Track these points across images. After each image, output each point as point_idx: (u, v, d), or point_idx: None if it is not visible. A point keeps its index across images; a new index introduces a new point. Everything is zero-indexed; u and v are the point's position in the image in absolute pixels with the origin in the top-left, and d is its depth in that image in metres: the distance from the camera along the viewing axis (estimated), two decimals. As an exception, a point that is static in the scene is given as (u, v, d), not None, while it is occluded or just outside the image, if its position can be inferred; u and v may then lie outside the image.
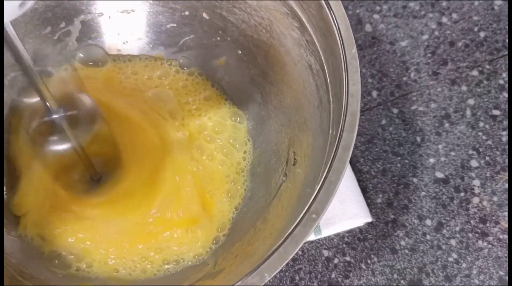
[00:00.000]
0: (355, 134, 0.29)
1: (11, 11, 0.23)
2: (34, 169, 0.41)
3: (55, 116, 0.33)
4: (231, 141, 0.44)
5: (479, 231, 0.45)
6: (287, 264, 0.38)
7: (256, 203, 0.41)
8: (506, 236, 0.44)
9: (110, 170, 0.41)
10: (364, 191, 0.46)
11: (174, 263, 0.39)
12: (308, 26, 0.36)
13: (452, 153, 0.47)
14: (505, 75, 0.50)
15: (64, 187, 0.40)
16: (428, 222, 0.45)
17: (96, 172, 0.40)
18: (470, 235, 0.44)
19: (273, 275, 0.26)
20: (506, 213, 0.45)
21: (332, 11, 0.32)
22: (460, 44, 0.52)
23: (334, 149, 0.29)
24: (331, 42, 0.32)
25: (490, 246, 0.44)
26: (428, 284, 0.43)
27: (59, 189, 0.40)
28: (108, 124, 0.38)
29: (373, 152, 0.47)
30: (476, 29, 0.52)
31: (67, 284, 0.38)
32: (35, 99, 0.32)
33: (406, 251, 0.44)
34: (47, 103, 0.32)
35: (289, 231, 0.27)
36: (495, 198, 0.46)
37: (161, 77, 0.46)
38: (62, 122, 0.33)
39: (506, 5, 0.53)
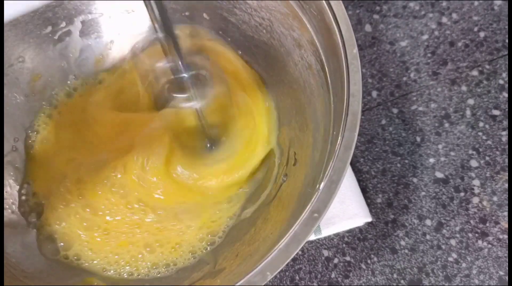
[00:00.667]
0: (356, 134, 0.29)
1: None
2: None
3: (184, 75, 0.34)
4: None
5: (479, 231, 0.45)
6: (287, 264, 0.38)
7: (256, 204, 0.41)
8: (506, 236, 0.44)
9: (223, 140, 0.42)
10: (364, 191, 0.46)
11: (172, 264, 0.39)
12: (308, 26, 0.36)
13: (452, 153, 0.47)
14: (505, 75, 0.50)
15: (180, 147, 0.42)
16: (428, 222, 0.45)
17: (211, 139, 0.42)
18: (470, 235, 0.45)
19: (275, 274, 0.26)
20: (506, 213, 0.45)
21: (333, 11, 0.32)
22: (460, 44, 0.52)
23: (336, 148, 0.29)
24: (332, 43, 0.32)
25: (490, 246, 0.44)
26: (428, 284, 0.43)
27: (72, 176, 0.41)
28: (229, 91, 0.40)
29: (373, 152, 0.48)
30: (476, 29, 0.52)
31: (67, 284, 0.38)
32: (163, 58, 0.34)
33: (406, 251, 0.44)
34: (180, 62, 0.33)
35: (290, 230, 0.27)
36: (495, 198, 0.46)
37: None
38: (189, 81, 0.35)
39: (506, 5, 0.53)
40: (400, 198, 0.46)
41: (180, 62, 0.34)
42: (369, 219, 0.43)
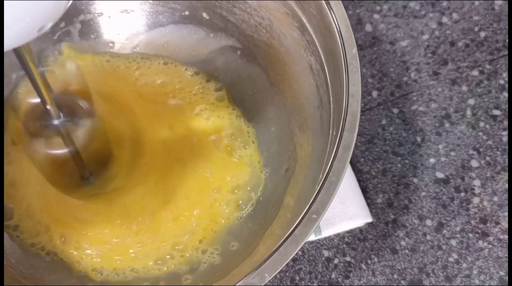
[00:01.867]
0: (355, 134, 0.29)
1: (29, 33, 0.23)
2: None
3: (55, 121, 0.32)
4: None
5: (479, 231, 0.45)
6: (287, 264, 0.38)
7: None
8: (506, 236, 0.44)
9: (102, 168, 0.40)
10: (364, 191, 0.46)
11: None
12: (308, 26, 0.36)
13: (453, 153, 0.47)
14: (505, 75, 0.50)
15: (53, 183, 0.40)
16: (428, 222, 0.45)
17: (86, 171, 0.39)
18: (470, 235, 0.44)
19: (274, 275, 0.26)
20: (506, 213, 0.45)
21: (333, 11, 0.32)
22: (460, 44, 0.52)
23: (335, 149, 0.29)
24: (332, 42, 0.32)
25: (490, 246, 0.44)
26: (428, 284, 0.43)
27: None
28: (107, 122, 0.38)
29: (373, 152, 0.47)
30: (476, 29, 0.52)
31: (67, 284, 0.38)
32: (36, 101, 0.31)
33: (407, 251, 0.44)
34: (48, 108, 0.31)
35: (289, 231, 0.27)
36: (495, 198, 0.46)
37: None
38: (61, 127, 0.33)
39: (507, 5, 0.53)
40: (400, 198, 0.46)
41: (49, 108, 0.31)
42: (370, 220, 0.43)
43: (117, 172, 0.40)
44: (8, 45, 0.22)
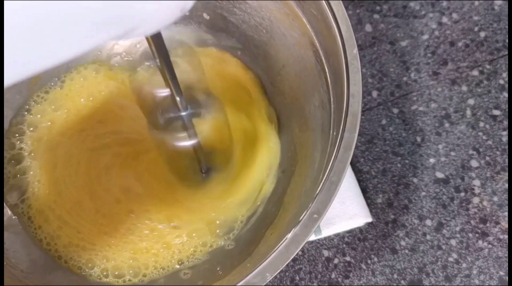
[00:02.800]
0: (356, 134, 0.29)
1: (172, 14, 0.21)
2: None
3: (183, 113, 0.33)
4: None
5: (479, 231, 0.45)
6: (287, 264, 0.38)
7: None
8: (506, 236, 0.44)
9: (221, 163, 0.42)
10: (364, 191, 0.46)
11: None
12: (308, 26, 0.36)
13: (452, 153, 0.47)
14: (505, 75, 0.50)
15: (175, 175, 0.41)
16: (428, 222, 0.45)
17: (206, 165, 0.41)
18: (470, 235, 0.45)
19: (275, 274, 0.26)
20: (506, 213, 0.45)
21: (333, 11, 0.32)
22: (460, 44, 0.52)
23: (335, 149, 0.29)
24: (332, 43, 0.32)
25: (490, 246, 0.44)
26: (428, 284, 0.43)
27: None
28: (227, 119, 0.39)
29: (373, 152, 0.47)
30: (476, 29, 0.52)
31: (67, 284, 0.38)
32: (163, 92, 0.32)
33: (406, 251, 0.44)
34: (178, 101, 0.31)
35: (290, 231, 0.27)
36: (495, 198, 0.46)
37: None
38: (188, 120, 0.33)
39: (506, 5, 0.53)
40: (400, 198, 0.46)
41: (178, 99, 0.31)
42: (369, 219, 0.43)
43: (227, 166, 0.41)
44: (151, 28, 0.21)
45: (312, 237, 0.44)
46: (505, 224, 0.45)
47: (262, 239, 0.35)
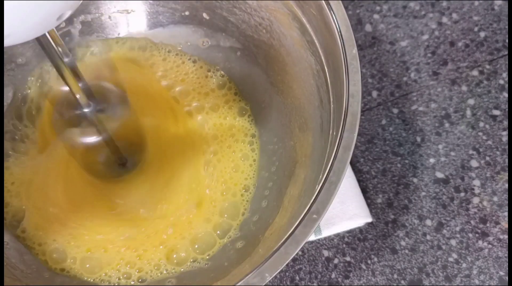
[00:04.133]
0: (355, 135, 0.29)
1: (49, 23, 0.23)
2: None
3: (86, 109, 0.32)
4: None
5: (479, 231, 0.45)
6: (287, 264, 0.38)
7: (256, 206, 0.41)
8: (506, 236, 0.44)
9: (136, 153, 0.41)
10: (364, 191, 0.46)
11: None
12: (308, 26, 0.36)
13: (452, 153, 0.47)
14: (505, 75, 0.50)
15: (89, 171, 0.41)
16: (428, 222, 0.45)
17: (122, 156, 0.40)
18: (470, 235, 0.44)
19: (274, 275, 0.26)
20: (506, 213, 0.45)
21: (333, 11, 0.32)
22: (460, 44, 0.52)
23: (335, 149, 0.29)
24: (332, 43, 0.32)
25: (490, 246, 0.44)
26: (428, 284, 0.43)
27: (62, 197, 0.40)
28: (136, 111, 0.38)
29: (373, 152, 0.47)
30: (476, 29, 0.52)
31: (67, 284, 0.38)
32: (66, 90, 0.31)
33: (406, 251, 0.44)
34: (78, 97, 0.31)
35: (290, 231, 0.27)
36: (495, 198, 0.46)
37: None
38: (92, 116, 0.33)
39: (506, 5, 0.53)
40: (400, 198, 0.46)
41: (78, 96, 0.31)
42: (369, 220, 0.43)
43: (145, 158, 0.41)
44: (29, 35, 0.22)
45: (312, 237, 0.44)
46: (505, 224, 0.45)
47: (262, 239, 0.35)
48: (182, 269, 0.39)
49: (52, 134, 0.40)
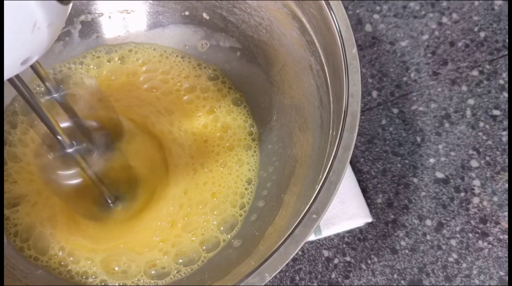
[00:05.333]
0: (355, 134, 0.29)
1: (13, 67, 0.22)
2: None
3: (68, 150, 0.31)
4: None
5: (479, 231, 0.45)
6: (287, 264, 0.38)
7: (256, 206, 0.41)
8: (506, 236, 0.44)
9: (126, 190, 0.40)
10: (364, 191, 0.46)
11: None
12: (308, 26, 0.36)
13: (452, 153, 0.47)
14: (505, 75, 0.50)
15: (78, 212, 0.39)
16: (428, 222, 0.45)
17: (111, 195, 0.38)
18: (470, 235, 0.44)
19: (274, 275, 0.26)
20: (506, 213, 0.45)
21: (333, 11, 0.32)
22: (460, 44, 0.52)
23: (335, 149, 0.29)
24: (332, 43, 0.32)
25: (490, 246, 0.44)
26: (428, 284, 0.43)
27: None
28: (123, 146, 0.37)
29: (373, 152, 0.47)
30: (476, 29, 0.52)
31: (67, 284, 0.38)
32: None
33: (406, 251, 0.44)
34: (59, 138, 0.29)
35: (289, 231, 0.27)
36: (495, 198, 0.46)
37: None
38: (75, 156, 0.31)
39: (506, 5, 0.53)
40: (400, 198, 0.46)
41: (58, 137, 0.29)
42: (369, 220, 0.43)
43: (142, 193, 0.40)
44: None
45: (312, 237, 0.44)
46: (505, 224, 0.45)
47: (262, 239, 0.35)
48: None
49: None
